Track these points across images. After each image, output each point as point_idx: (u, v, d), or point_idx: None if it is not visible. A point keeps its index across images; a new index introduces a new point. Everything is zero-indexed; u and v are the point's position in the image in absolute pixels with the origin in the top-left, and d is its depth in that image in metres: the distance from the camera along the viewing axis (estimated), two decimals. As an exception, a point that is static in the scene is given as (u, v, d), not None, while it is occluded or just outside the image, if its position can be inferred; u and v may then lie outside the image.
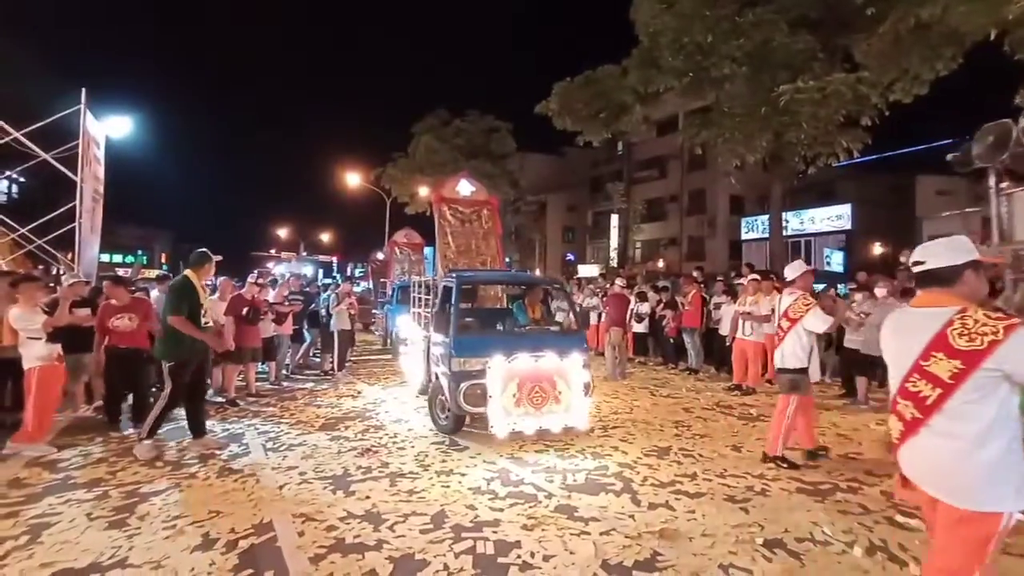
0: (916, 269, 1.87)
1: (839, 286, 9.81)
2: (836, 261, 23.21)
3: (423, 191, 24.73)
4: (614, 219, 31.86)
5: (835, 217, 23.71)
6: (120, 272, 14.69)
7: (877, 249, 22.23)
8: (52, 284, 6.83)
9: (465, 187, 7.69)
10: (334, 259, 39.85)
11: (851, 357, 6.81)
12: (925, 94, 10.42)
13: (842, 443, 4.99)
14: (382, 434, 5.12)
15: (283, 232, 46.71)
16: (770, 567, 2.74)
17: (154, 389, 5.38)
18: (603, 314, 9.74)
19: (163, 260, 46.60)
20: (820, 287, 9.71)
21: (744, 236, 26.52)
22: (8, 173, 8.86)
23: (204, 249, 4.77)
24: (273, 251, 39.12)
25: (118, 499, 3.49)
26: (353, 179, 25.30)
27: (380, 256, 15.17)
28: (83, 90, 7.68)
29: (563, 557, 2.83)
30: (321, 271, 33.13)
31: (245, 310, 6.44)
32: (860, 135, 11.38)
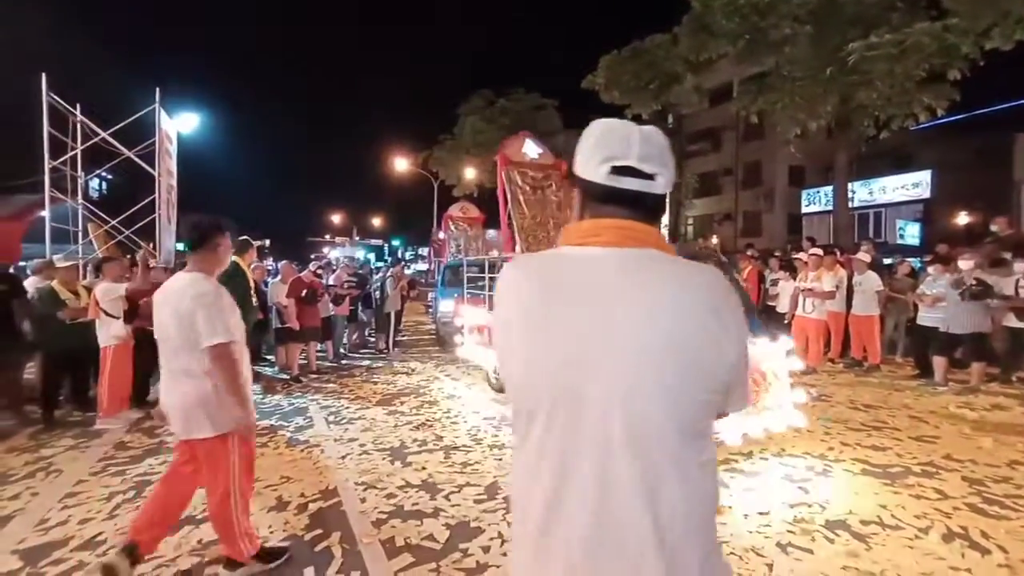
0: None
1: (912, 260, 9.06)
2: (911, 233, 21.42)
3: (470, 173, 24.85)
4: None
5: (911, 185, 21.77)
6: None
7: (962, 219, 20.25)
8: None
9: (531, 148, 6.74)
10: (383, 243, 41.14)
11: (928, 336, 6.33)
12: (1029, 39, 9.16)
13: (916, 425, 4.69)
14: (436, 409, 5.32)
15: (337, 218, 48.58)
16: (832, 548, 2.66)
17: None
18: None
19: (229, 248, 49.43)
20: (890, 261, 9.04)
21: (805, 209, 24.94)
22: (99, 171, 9.64)
23: (246, 236, 5.27)
24: (328, 236, 40.83)
25: (203, 463, 3.85)
26: (402, 164, 25.82)
27: (441, 235, 14.36)
28: (157, 90, 8.22)
29: (615, 530, 2.86)
30: (373, 254, 34.28)
31: (304, 292, 6.81)
32: (946, 91, 10.23)
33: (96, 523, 2.95)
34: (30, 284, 5.51)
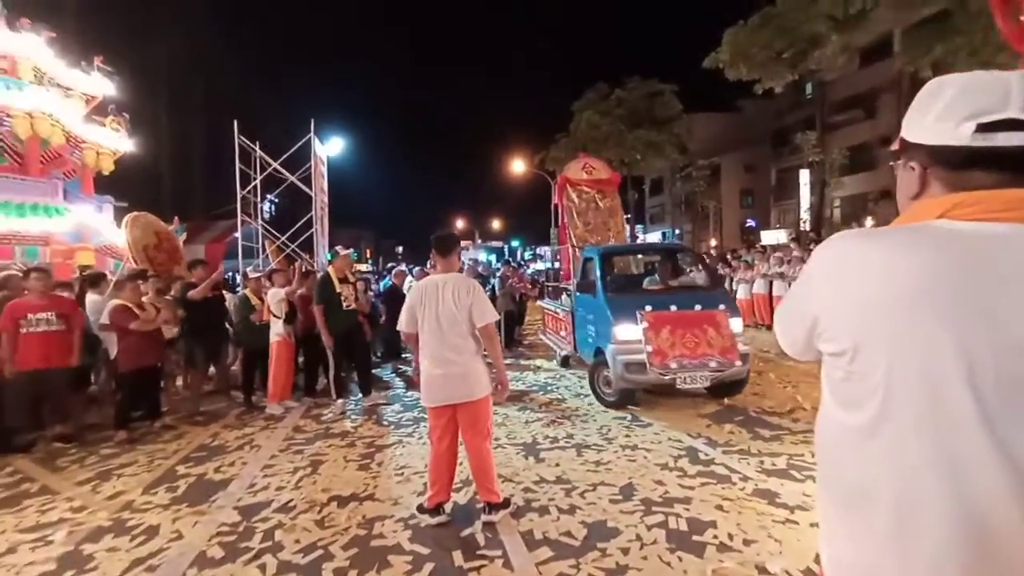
0: None
1: None
2: None
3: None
4: (804, 175, 27.41)
5: None
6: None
7: None
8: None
9: None
10: (503, 244, 42.69)
11: None
12: None
13: None
14: (565, 407, 5.38)
15: (460, 222, 51.59)
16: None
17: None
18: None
19: (368, 255, 55.30)
20: None
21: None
22: (270, 196, 11.45)
23: (336, 247, 5.88)
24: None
25: (362, 448, 4.37)
26: (519, 166, 26.52)
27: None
28: (312, 121, 9.50)
29: (767, 544, 2.65)
30: (494, 256, 35.71)
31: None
32: None
33: (287, 491, 3.53)
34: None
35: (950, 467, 0.71)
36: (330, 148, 11.84)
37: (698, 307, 4.96)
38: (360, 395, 5.90)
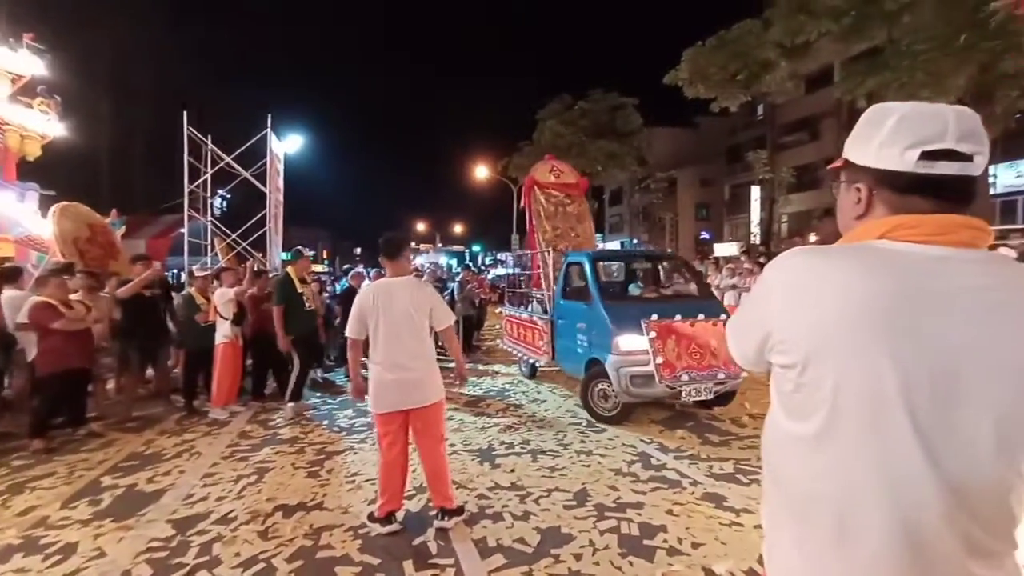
0: None
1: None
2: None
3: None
4: (755, 191, 28.80)
5: (1077, 163, 18.35)
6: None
7: None
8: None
9: None
10: (464, 249, 42.63)
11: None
12: None
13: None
14: (521, 412, 5.37)
15: (421, 226, 51.04)
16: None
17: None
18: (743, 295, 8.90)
19: (325, 256, 53.66)
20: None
21: (928, 200, 21.95)
22: (221, 192, 10.93)
23: (299, 247, 5.87)
24: (413, 243, 42.98)
25: (312, 455, 4.20)
26: (482, 172, 26.50)
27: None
28: (269, 116, 9.16)
29: (714, 547, 2.71)
30: (454, 260, 35.50)
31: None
32: None
33: (228, 501, 3.33)
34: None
35: (888, 481, 0.73)
36: (288, 145, 11.45)
37: (701, 316, 4.72)
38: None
